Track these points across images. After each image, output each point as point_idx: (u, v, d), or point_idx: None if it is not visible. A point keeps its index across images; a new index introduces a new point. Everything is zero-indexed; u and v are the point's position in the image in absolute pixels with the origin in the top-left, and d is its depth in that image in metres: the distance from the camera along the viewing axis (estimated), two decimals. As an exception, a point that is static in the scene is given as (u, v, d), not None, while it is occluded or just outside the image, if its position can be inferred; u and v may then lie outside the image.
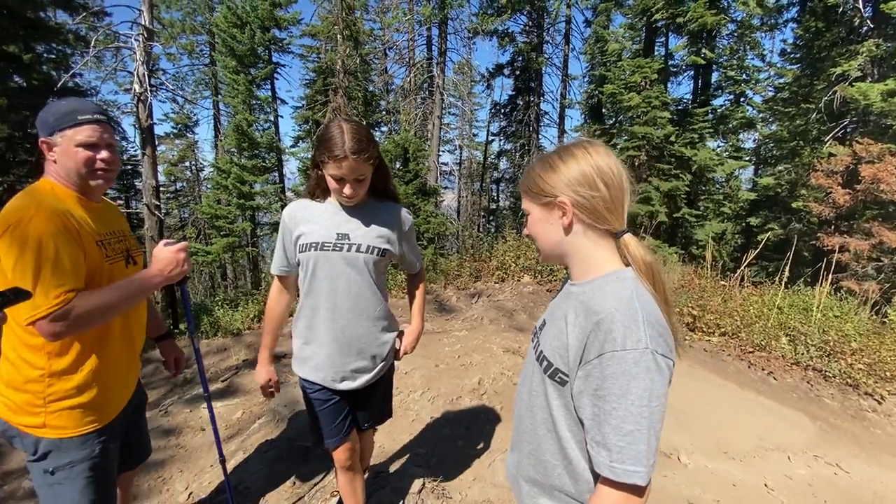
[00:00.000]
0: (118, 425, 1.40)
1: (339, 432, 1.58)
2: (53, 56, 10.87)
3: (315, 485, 2.14)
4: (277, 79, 15.83)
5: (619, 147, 15.14)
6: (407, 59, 19.14)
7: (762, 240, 8.08)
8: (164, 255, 1.35)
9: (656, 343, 0.76)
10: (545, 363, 0.91)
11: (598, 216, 0.87)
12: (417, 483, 2.16)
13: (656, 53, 15.27)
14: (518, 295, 5.18)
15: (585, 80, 20.33)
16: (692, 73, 15.29)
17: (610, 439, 0.76)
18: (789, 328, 4.67)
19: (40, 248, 1.12)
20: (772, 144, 15.96)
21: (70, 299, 1.14)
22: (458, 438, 2.64)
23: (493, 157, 26.75)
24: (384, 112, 20.39)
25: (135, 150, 16.97)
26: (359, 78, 15.61)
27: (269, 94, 14.82)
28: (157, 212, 9.58)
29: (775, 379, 4.05)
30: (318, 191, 1.50)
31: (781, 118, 14.89)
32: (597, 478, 0.83)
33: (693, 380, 4.11)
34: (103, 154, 1.29)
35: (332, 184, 1.38)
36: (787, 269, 5.36)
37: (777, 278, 5.38)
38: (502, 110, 23.51)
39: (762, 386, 3.94)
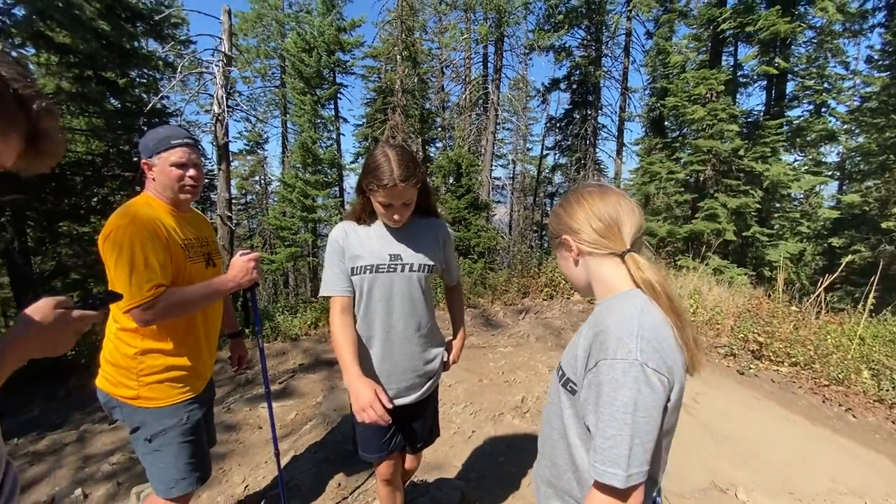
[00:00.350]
0: (201, 400, 1.60)
1: (383, 449, 1.61)
2: (145, 80, 12.18)
3: (357, 488, 2.24)
4: (340, 98, 16.74)
5: (682, 161, 14.48)
6: (463, 77, 19.54)
7: (846, 262, 7.36)
8: (238, 264, 1.56)
9: (647, 356, 0.80)
10: (560, 373, 0.99)
11: (597, 244, 0.96)
12: (455, 496, 2.20)
13: (723, 64, 14.54)
14: (567, 313, 5.09)
15: (646, 92, 19.71)
16: (764, 83, 14.37)
17: (596, 441, 0.82)
18: (872, 361, 4.23)
19: (133, 250, 1.34)
20: (858, 158, 14.59)
21: (158, 294, 1.36)
22: (499, 455, 2.64)
23: (547, 171, 26.47)
24: (439, 128, 20.88)
25: (211, 166, 18.54)
26: (416, 96, 16.15)
27: (333, 113, 15.69)
28: (228, 222, 10.38)
29: (854, 416, 3.68)
30: (363, 215, 1.51)
31: (869, 130, 13.59)
32: None
33: (757, 411, 3.83)
34: (191, 172, 1.54)
35: (379, 209, 1.41)
36: (874, 295, 4.87)
37: (862, 305, 4.90)
38: (558, 124, 23.26)
39: (838, 423, 3.59)
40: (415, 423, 1.66)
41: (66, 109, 8.44)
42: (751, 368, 4.59)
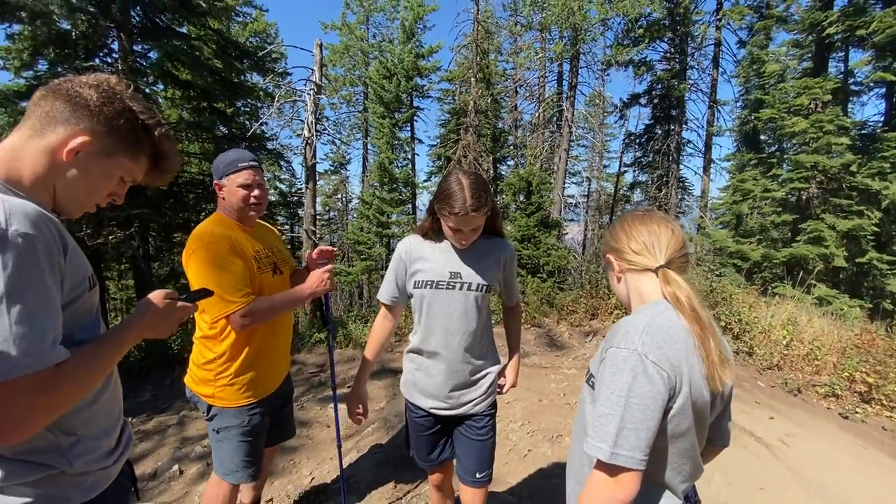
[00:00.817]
0: (267, 404, 1.77)
1: (433, 462, 1.69)
2: (248, 109, 13.72)
3: (410, 491, 2.34)
4: (417, 121, 17.52)
5: (780, 178, 13.18)
6: (537, 95, 19.54)
7: None
8: (315, 276, 1.74)
9: (648, 349, 0.86)
10: (588, 372, 1.05)
11: (632, 262, 1.05)
12: (507, 511, 2.21)
13: (830, 71, 13.12)
14: (637, 337, 4.86)
15: (738, 104, 18.27)
16: (883, 90, 12.74)
17: (593, 419, 0.89)
18: None
19: (220, 265, 1.52)
20: None
21: (250, 301, 1.55)
22: (554, 476, 2.60)
23: (625, 188, 25.33)
24: (511, 147, 20.97)
25: (300, 185, 20.23)
26: (489, 116, 16.44)
27: (409, 134, 16.45)
28: (312, 236, 11.24)
29: None
30: (430, 232, 1.57)
31: None
32: None
33: (863, 462, 3.37)
34: (256, 192, 1.70)
35: (447, 231, 1.46)
36: None
37: None
38: (637, 140, 22.28)
39: (969, 486, 3.04)
40: (469, 443, 1.63)
41: (185, 136, 9.75)
42: (857, 412, 4.04)
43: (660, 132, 20.64)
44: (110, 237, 7.65)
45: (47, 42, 7.06)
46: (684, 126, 19.86)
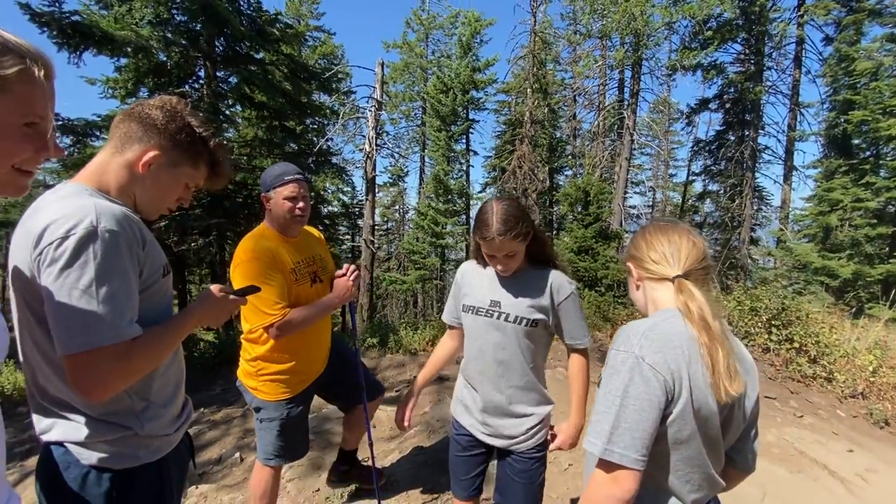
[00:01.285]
0: (305, 395, 1.95)
1: (467, 488, 1.61)
2: (315, 126, 14.63)
3: (447, 492, 2.39)
4: (472, 133, 17.77)
5: (875, 187, 11.85)
6: (597, 104, 19.08)
7: None
8: (340, 284, 1.88)
9: (646, 352, 0.89)
10: (600, 377, 1.08)
11: (650, 271, 1.07)
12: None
13: (939, 66, 11.67)
14: (697, 355, 4.58)
15: (824, 106, 16.69)
16: None
17: (592, 417, 0.92)
18: None
19: (260, 277, 1.65)
20: None
21: (287, 313, 1.69)
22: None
23: (693, 198, 23.89)
24: (570, 156, 20.58)
25: (361, 197, 21.16)
26: (545, 126, 16.29)
27: (464, 146, 16.69)
28: (371, 246, 11.72)
29: None
30: (479, 257, 1.58)
31: None
32: None
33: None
34: (300, 204, 1.81)
35: (487, 258, 1.48)
36: None
37: None
38: (707, 147, 21.01)
39: None
40: (509, 481, 1.55)
41: (258, 152, 10.60)
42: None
43: (732, 138, 19.32)
44: (192, 244, 8.46)
45: (147, 72, 8.04)
46: (760, 131, 18.45)
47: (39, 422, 0.92)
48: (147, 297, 0.95)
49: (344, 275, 1.94)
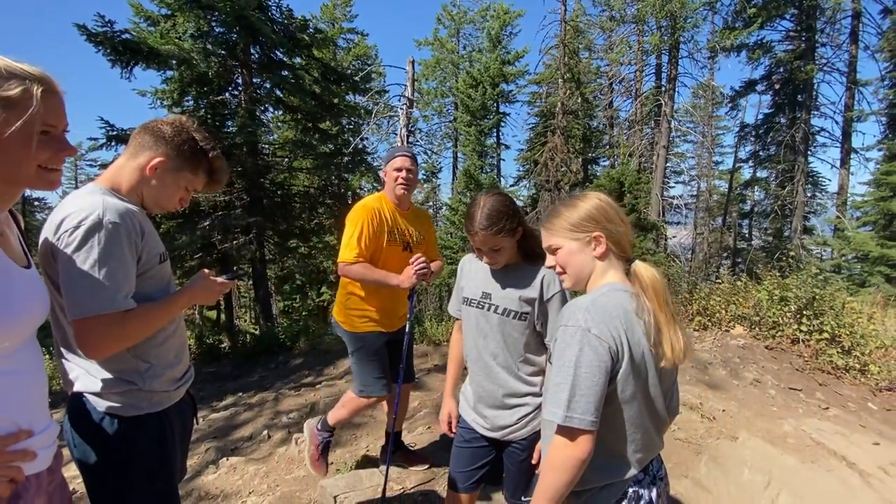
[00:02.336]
0: (384, 336, 2.27)
1: (465, 480, 1.63)
2: (350, 126, 15.04)
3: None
4: (503, 126, 17.69)
5: (941, 169, 10.86)
6: (633, 91, 18.47)
7: None
8: (406, 272, 2.10)
9: (591, 324, 0.99)
10: (548, 352, 1.24)
11: (620, 244, 1.13)
12: None
13: None
14: (721, 347, 4.46)
15: (884, 84, 15.40)
16: None
17: (547, 389, 1.03)
18: None
19: (354, 228, 2.10)
20: None
21: (356, 262, 2.09)
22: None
23: (740, 186, 22.67)
24: (606, 146, 20.04)
25: (395, 193, 21.49)
26: (578, 116, 15.98)
27: (495, 140, 16.66)
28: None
29: None
30: (476, 250, 1.61)
31: None
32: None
33: None
34: (403, 174, 2.20)
35: (475, 250, 1.56)
36: None
37: None
38: (754, 132, 19.87)
39: None
40: (510, 469, 1.61)
41: (294, 154, 11.07)
42: None
43: (783, 121, 18.18)
44: (234, 241, 9.02)
45: (191, 83, 8.62)
46: (814, 112, 17.25)
47: (67, 375, 1.15)
48: (146, 278, 1.16)
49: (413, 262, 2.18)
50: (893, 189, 12.42)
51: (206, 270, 1.28)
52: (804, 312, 4.33)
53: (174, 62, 7.77)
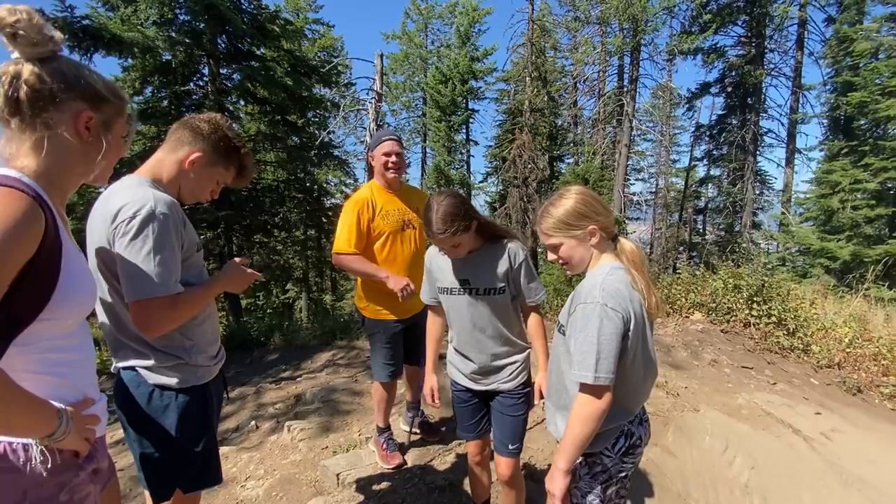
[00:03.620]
0: (400, 323, 2.38)
1: (473, 430, 1.86)
2: (316, 119, 14.81)
3: (441, 450, 2.68)
4: (472, 122, 17.90)
5: (872, 168, 11.91)
6: (597, 91, 19.10)
7: None
8: (399, 281, 2.21)
9: (606, 299, 1.20)
10: (559, 323, 1.38)
11: (608, 230, 1.32)
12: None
13: (939, 44, 11.63)
14: (682, 332, 4.82)
15: (826, 88, 16.63)
16: None
17: (575, 357, 1.22)
18: None
19: (345, 221, 2.23)
20: None
21: (346, 252, 2.21)
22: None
23: (695, 184, 23.90)
24: (571, 144, 20.64)
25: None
26: (545, 114, 16.38)
27: (465, 137, 16.83)
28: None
29: None
30: None
31: None
32: None
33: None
34: (393, 158, 2.28)
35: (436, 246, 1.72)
36: None
37: None
38: (708, 132, 21.01)
39: None
40: (500, 417, 1.79)
41: (262, 146, 10.87)
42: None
43: (734, 122, 19.30)
44: (201, 237, 8.78)
45: (153, 71, 8.30)
46: (763, 114, 18.43)
47: (116, 353, 1.23)
48: (187, 265, 1.25)
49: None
50: (833, 187, 13.45)
51: (238, 259, 1.38)
52: (755, 299, 4.73)
53: (136, 50, 7.46)
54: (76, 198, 7.57)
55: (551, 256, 1.38)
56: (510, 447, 1.77)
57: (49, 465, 0.81)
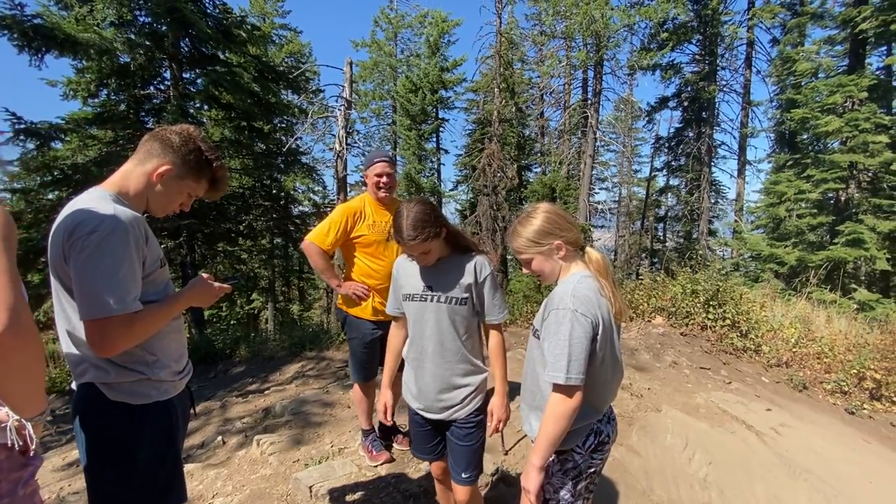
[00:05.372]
0: (377, 331, 2.49)
1: (429, 453, 1.82)
2: (283, 126, 14.55)
3: (412, 459, 2.69)
4: (443, 131, 18.06)
5: (813, 179, 12.78)
6: (562, 103, 19.69)
7: None
8: (348, 286, 2.39)
9: (577, 305, 1.28)
10: (533, 328, 1.45)
11: (575, 243, 1.40)
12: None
13: (870, 68, 12.69)
14: (645, 335, 5.02)
15: (773, 105, 17.79)
16: (927, 85, 12.20)
17: (548, 359, 1.30)
18: None
19: (331, 221, 2.42)
20: None
21: (313, 245, 2.39)
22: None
23: (656, 193, 24.93)
24: (538, 154, 21.14)
25: (332, 196, 21.12)
26: (513, 125, 16.74)
27: (435, 145, 16.96)
28: (342, 244, 11.85)
29: None
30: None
31: None
32: None
33: (862, 454, 3.46)
34: (384, 179, 2.45)
35: (406, 254, 1.73)
36: None
37: None
38: (667, 144, 22.01)
39: (966, 476, 3.10)
40: (454, 446, 1.72)
41: (227, 153, 10.57)
42: (864, 409, 4.10)
43: (691, 135, 20.28)
44: (162, 245, 8.45)
45: (110, 74, 7.97)
46: (716, 128, 19.46)
47: (75, 368, 1.18)
48: (149, 281, 1.22)
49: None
50: (779, 197, 14.32)
51: (205, 275, 1.36)
52: (711, 303, 5.00)
53: (92, 52, 7.16)
54: (24, 205, 7.16)
55: (525, 269, 1.49)
56: (464, 476, 1.71)
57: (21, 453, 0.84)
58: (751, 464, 2.98)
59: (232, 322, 17.23)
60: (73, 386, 1.24)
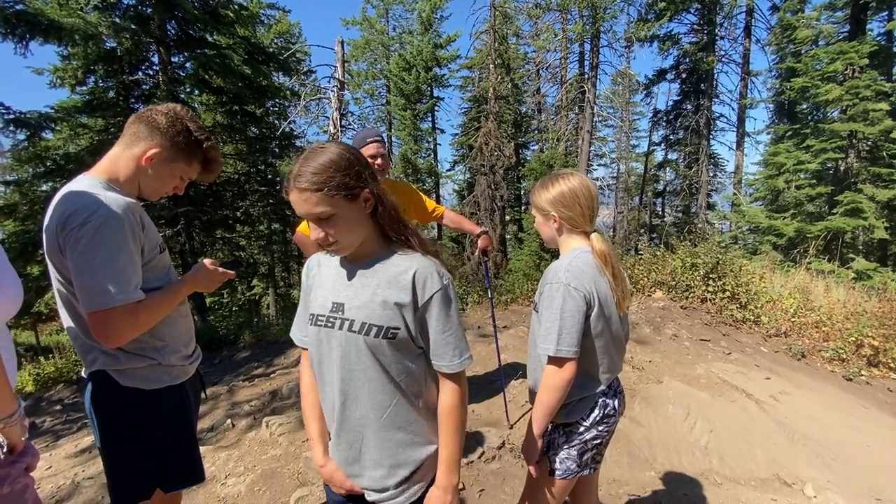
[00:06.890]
0: None
1: None
2: (276, 109, 14.35)
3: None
4: (438, 110, 17.80)
5: (812, 149, 12.70)
6: (559, 78, 19.37)
7: None
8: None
9: (570, 279, 1.29)
10: (534, 303, 1.45)
11: (575, 223, 1.38)
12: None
13: (870, 34, 12.46)
14: (645, 309, 5.06)
15: (772, 74, 17.52)
16: (929, 50, 11.99)
17: (540, 332, 1.31)
18: None
19: None
20: None
21: (302, 238, 2.32)
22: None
23: (654, 168, 24.78)
24: (535, 131, 20.90)
25: (329, 179, 20.84)
26: (510, 101, 16.50)
27: (430, 125, 16.74)
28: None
29: (984, 432, 3.21)
30: None
31: None
32: None
33: (859, 419, 3.54)
34: (379, 160, 2.31)
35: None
36: None
37: None
38: (665, 117, 21.75)
39: (960, 437, 3.17)
40: None
41: (221, 138, 10.45)
42: (862, 375, 4.16)
43: (689, 108, 20.04)
44: (160, 234, 8.43)
45: (97, 60, 7.81)
46: (715, 100, 19.20)
47: (84, 357, 1.18)
48: (149, 268, 1.20)
49: None
50: (778, 168, 14.25)
51: (208, 260, 1.35)
52: (710, 276, 5.03)
53: (77, 37, 6.99)
54: (19, 197, 7.10)
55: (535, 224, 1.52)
56: None
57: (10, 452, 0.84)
58: (751, 431, 3.05)
59: (234, 308, 17.32)
60: (84, 374, 1.24)
